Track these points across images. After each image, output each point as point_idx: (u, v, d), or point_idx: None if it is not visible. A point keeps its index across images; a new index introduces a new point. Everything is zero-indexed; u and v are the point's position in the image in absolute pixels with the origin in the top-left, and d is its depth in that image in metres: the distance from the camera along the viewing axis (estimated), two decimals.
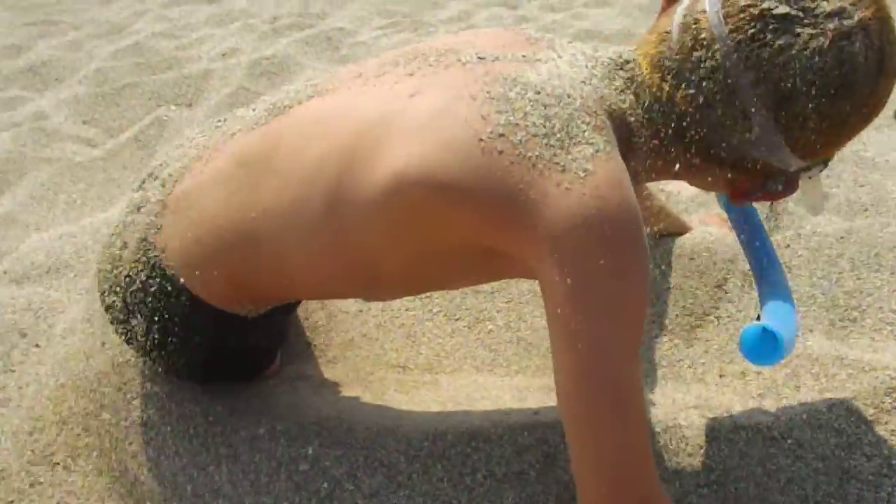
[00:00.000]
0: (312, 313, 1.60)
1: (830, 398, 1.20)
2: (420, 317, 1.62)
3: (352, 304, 1.63)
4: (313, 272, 1.04)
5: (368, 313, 1.62)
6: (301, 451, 1.16)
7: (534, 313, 1.58)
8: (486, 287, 1.65)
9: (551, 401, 1.32)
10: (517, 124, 0.88)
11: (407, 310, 1.63)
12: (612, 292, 0.83)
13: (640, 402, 0.87)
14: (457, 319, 1.62)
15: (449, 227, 0.92)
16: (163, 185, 1.12)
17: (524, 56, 1.01)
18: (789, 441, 1.16)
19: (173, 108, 2.63)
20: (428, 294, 1.64)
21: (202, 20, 3.61)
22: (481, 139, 0.87)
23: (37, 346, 1.51)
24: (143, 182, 1.18)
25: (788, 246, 1.56)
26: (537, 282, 0.91)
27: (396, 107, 0.94)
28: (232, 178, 1.04)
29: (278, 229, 1.00)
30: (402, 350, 1.56)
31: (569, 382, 0.86)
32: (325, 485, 1.13)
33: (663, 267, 1.51)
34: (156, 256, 1.09)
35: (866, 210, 1.82)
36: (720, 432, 1.17)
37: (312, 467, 1.14)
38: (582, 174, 0.85)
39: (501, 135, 0.87)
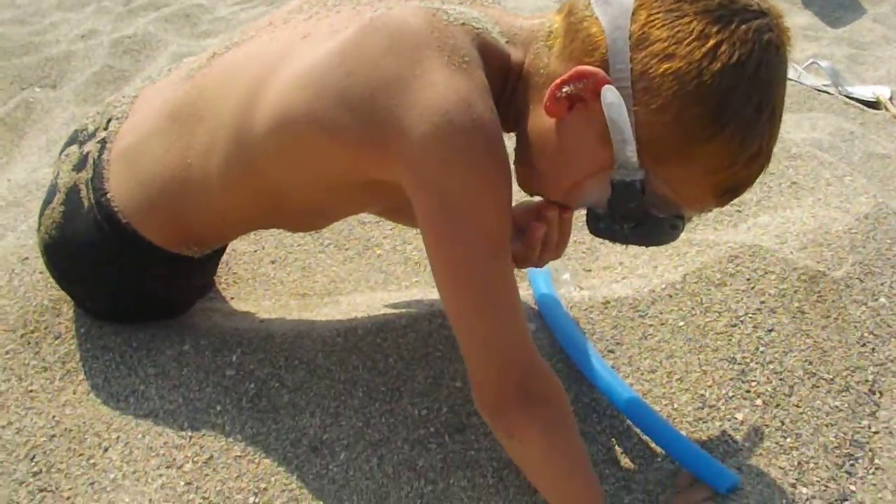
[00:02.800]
0: None
1: (684, 271, 1.41)
2: (312, 250, 1.73)
3: (248, 245, 1.72)
4: (233, 204, 1.13)
5: (263, 251, 1.72)
6: (226, 360, 1.26)
7: (417, 235, 1.72)
8: (370, 217, 1.78)
9: None
10: (377, 58, 0.92)
11: (299, 245, 1.74)
12: (469, 203, 0.91)
13: (510, 293, 0.96)
14: (347, 249, 1.74)
15: (330, 159, 1.01)
16: (102, 143, 1.21)
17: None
18: (651, 310, 1.35)
19: (38, 89, 2.62)
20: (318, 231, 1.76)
21: (53, 5, 3.54)
22: (349, 74, 0.93)
23: None
24: (78, 139, 1.27)
25: None
26: None
27: (291, 49, 1.04)
28: (169, 132, 1.14)
29: (206, 167, 1.11)
30: (300, 281, 1.67)
31: (444, 283, 0.96)
32: (252, 385, 1.23)
33: None
34: (108, 207, 1.17)
35: None
36: (594, 308, 1.35)
37: (238, 372, 1.25)
38: (434, 96, 0.88)
39: (369, 67, 0.92)
